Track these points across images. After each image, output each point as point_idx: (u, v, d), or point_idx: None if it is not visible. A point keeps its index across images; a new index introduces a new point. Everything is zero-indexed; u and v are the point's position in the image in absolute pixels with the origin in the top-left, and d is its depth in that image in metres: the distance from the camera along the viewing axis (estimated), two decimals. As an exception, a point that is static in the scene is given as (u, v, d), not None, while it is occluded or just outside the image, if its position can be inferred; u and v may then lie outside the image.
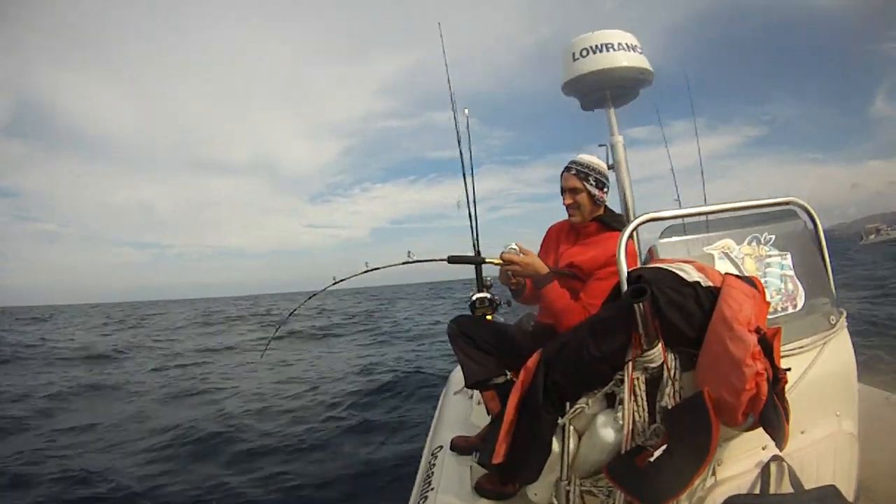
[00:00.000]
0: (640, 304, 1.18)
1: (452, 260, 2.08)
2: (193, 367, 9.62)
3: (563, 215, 2.10)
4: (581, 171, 1.95)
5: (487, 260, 1.98)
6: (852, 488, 1.58)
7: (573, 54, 1.75)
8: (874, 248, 37.47)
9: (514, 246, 1.89)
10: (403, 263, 2.06)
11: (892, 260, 20.62)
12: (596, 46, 1.72)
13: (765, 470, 1.39)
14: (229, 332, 18.08)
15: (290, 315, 3.10)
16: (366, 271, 2.09)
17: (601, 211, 2.00)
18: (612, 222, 1.95)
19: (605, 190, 1.97)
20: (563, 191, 2.01)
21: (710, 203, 1.55)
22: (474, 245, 2.80)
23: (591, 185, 1.94)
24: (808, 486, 1.39)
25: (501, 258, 1.87)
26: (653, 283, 1.22)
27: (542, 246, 2.24)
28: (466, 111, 2.99)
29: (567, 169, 2.00)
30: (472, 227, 2.80)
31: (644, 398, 1.26)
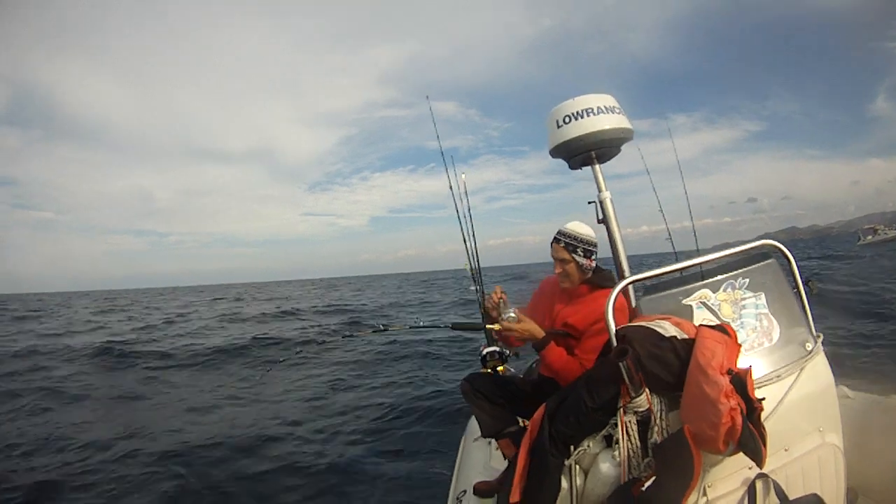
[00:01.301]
0: (625, 362, 1.40)
1: (456, 327, 2.29)
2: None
3: (560, 208, 2.26)
4: (570, 245, 2.08)
5: (489, 327, 2.13)
6: (841, 495, 1.73)
7: (557, 122, 1.92)
8: (872, 248, 37.09)
9: (512, 314, 2.05)
10: (412, 328, 2.34)
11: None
12: (578, 113, 1.89)
13: (751, 487, 1.57)
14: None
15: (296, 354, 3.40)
16: (376, 331, 2.41)
17: (590, 274, 2.13)
18: (601, 282, 2.09)
19: (593, 258, 2.10)
20: (553, 258, 2.15)
21: (696, 213, 1.71)
22: (474, 279, 3.04)
23: (580, 255, 2.07)
24: (794, 497, 1.58)
25: (501, 326, 2.04)
26: (634, 341, 1.44)
27: (534, 298, 2.41)
28: (463, 176, 3.18)
29: (556, 241, 2.12)
30: (473, 276, 3.03)
31: (636, 437, 1.48)
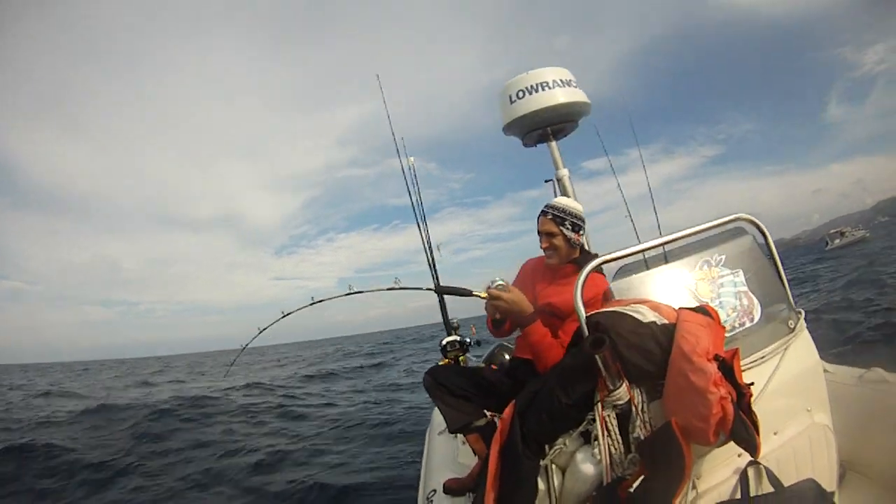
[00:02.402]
0: (601, 353, 1.26)
1: (440, 290, 2.10)
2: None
3: (528, 253, 2.11)
4: (557, 216, 1.97)
5: (475, 293, 1.96)
6: (834, 474, 1.67)
7: (510, 97, 1.78)
8: (842, 251, 36.79)
9: (500, 282, 1.88)
10: (389, 289, 2.01)
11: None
12: (532, 87, 1.75)
13: (743, 475, 1.48)
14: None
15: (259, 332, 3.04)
16: (349, 293, 2.02)
17: (577, 253, 2.02)
18: (588, 263, 1.96)
19: (581, 233, 2.00)
20: (539, 234, 2.03)
21: (664, 232, 1.62)
22: (434, 282, 2.84)
23: (568, 228, 1.96)
24: (788, 482, 1.47)
25: (488, 293, 1.86)
26: (611, 329, 1.31)
27: (517, 280, 2.25)
28: (412, 159, 3.02)
29: (543, 213, 2.02)
30: (429, 262, 2.84)
31: (617, 433, 1.35)
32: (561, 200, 2.03)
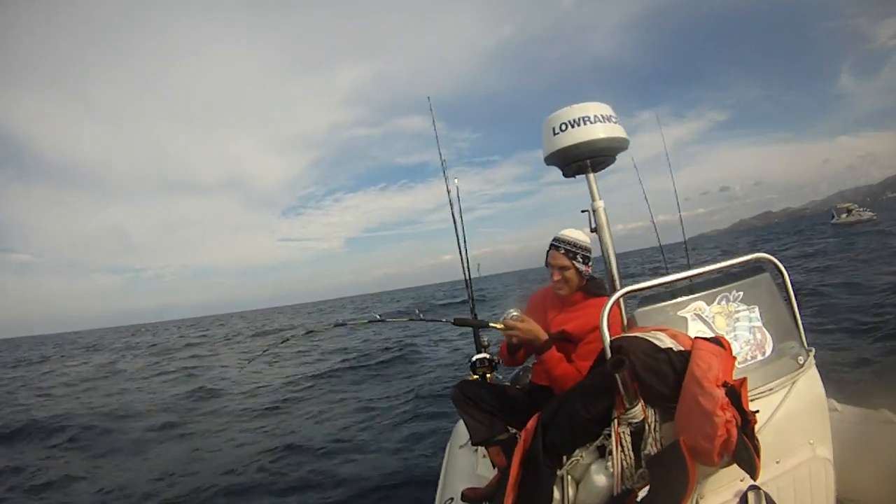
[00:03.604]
0: (620, 374, 1.39)
1: (458, 322, 2.26)
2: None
3: (531, 214, 2.26)
4: (570, 251, 2.10)
5: (490, 324, 2.11)
6: None
7: (553, 129, 1.91)
8: (845, 228, 38.17)
9: (515, 313, 2.04)
10: (410, 320, 2.30)
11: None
12: (574, 121, 1.88)
13: (743, 499, 1.57)
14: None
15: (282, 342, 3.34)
16: (373, 321, 2.32)
17: (584, 282, 2.15)
18: (595, 289, 2.10)
19: (590, 264, 2.12)
20: (548, 265, 2.15)
21: (690, 222, 1.71)
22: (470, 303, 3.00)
23: (579, 262, 2.09)
24: None
25: (504, 324, 2.02)
26: (631, 352, 1.43)
27: (527, 312, 2.30)
28: (456, 181, 3.20)
29: (555, 248, 2.13)
30: (467, 282, 3.03)
31: (630, 448, 1.47)
32: (571, 234, 2.13)
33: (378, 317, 2.34)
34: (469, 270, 3.12)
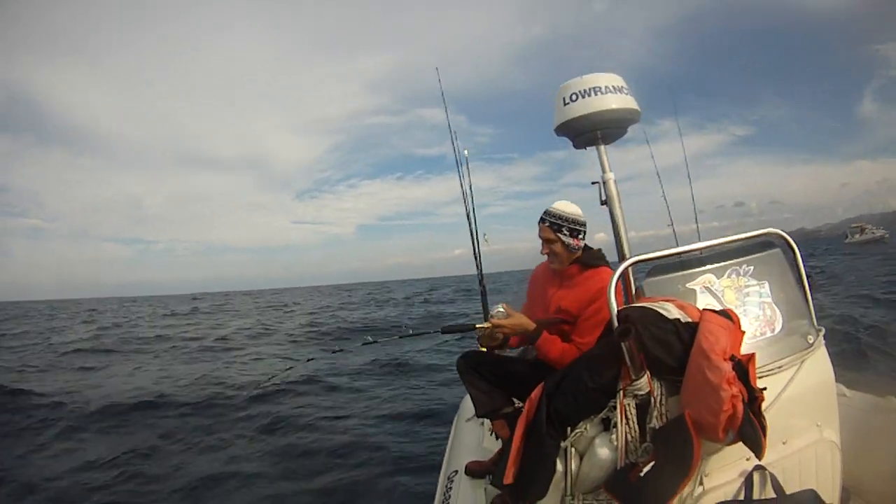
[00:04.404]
0: (627, 343, 1.35)
1: (446, 330, 2.23)
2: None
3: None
4: (554, 224, 2.03)
5: (478, 326, 2.08)
6: (836, 491, 1.71)
7: (563, 99, 1.88)
8: (859, 247, 39.33)
9: (501, 309, 2.02)
10: (400, 337, 2.35)
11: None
12: (585, 91, 1.85)
13: (748, 479, 1.54)
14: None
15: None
16: (365, 344, 2.38)
17: (579, 254, 2.08)
18: (591, 260, 2.04)
19: (581, 236, 2.04)
20: (540, 238, 2.10)
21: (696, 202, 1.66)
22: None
23: (565, 234, 2.02)
24: (791, 490, 1.54)
25: (491, 323, 2.00)
26: (638, 322, 1.40)
27: (529, 289, 2.36)
28: (466, 151, 3.17)
29: (542, 220, 2.08)
30: (477, 264, 3.03)
31: (635, 421, 1.44)
32: (558, 206, 2.07)
33: (370, 339, 2.37)
34: (481, 267, 3.10)
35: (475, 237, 3.15)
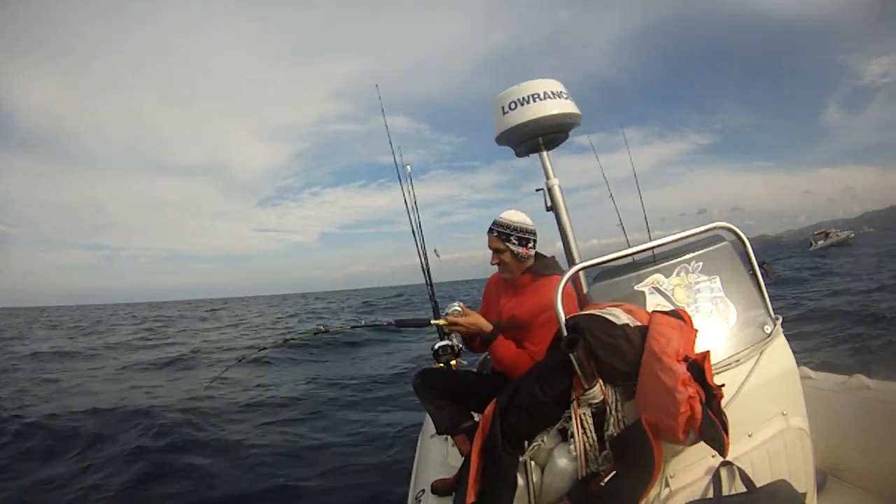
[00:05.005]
0: (575, 353, 1.34)
1: (400, 324, 2.22)
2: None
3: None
4: (502, 233, 2.01)
5: (433, 322, 2.08)
6: (810, 478, 1.71)
7: (502, 108, 1.86)
8: (824, 252, 38.09)
9: (457, 307, 2.02)
10: (353, 328, 2.39)
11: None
12: (524, 98, 1.83)
13: (716, 475, 1.53)
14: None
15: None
16: (317, 333, 2.35)
17: (531, 262, 2.06)
18: (543, 269, 2.03)
19: (531, 245, 2.02)
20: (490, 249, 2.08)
21: (648, 214, 1.66)
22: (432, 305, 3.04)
23: (514, 243, 2.00)
24: (761, 483, 1.53)
25: (447, 320, 2.00)
26: (586, 330, 1.38)
27: (484, 299, 2.35)
28: (409, 167, 3.20)
29: (490, 230, 2.06)
30: (426, 280, 3.06)
31: (592, 430, 1.42)
32: (506, 216, 2.05)
33: (322, 328, 2.35)
34: (429, 273, 3.11)
35: (421, 251, 3.18)
